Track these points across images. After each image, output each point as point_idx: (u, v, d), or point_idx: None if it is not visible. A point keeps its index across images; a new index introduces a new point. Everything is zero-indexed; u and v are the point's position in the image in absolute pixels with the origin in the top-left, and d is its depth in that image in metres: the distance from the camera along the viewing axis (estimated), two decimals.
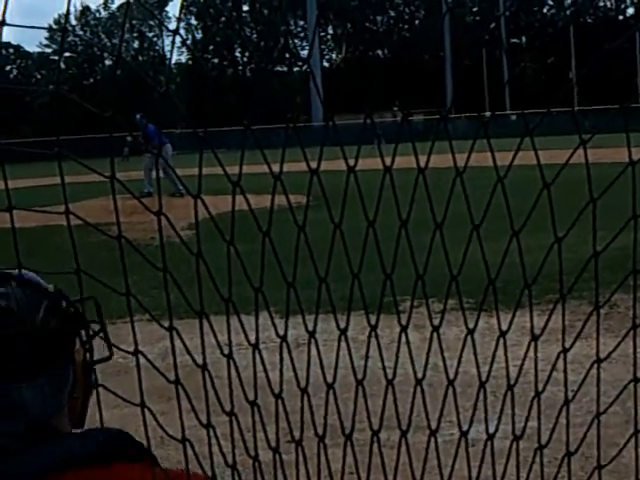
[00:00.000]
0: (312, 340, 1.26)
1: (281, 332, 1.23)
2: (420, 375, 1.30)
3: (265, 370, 1.22)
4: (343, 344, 1.28)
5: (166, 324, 1.15)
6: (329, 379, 1.27)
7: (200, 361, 1.19)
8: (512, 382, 1.37)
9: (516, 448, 1.37)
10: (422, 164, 1.23)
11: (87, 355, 1.37)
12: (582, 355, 2.14)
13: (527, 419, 1.34)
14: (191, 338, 1.21)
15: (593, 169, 1.28)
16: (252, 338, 1.23)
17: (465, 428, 1.37)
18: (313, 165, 1.19)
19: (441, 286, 1.31)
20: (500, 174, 1.23)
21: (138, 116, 21.41)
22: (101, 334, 1.34)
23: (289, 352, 1.23)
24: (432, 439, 1.36)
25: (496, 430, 1.36)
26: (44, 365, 1.27)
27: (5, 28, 0.95)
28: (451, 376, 1.33)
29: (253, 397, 1.21)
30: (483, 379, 1.37)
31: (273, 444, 1.23)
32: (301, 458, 1.28)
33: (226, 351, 1.17)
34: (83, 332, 1.34)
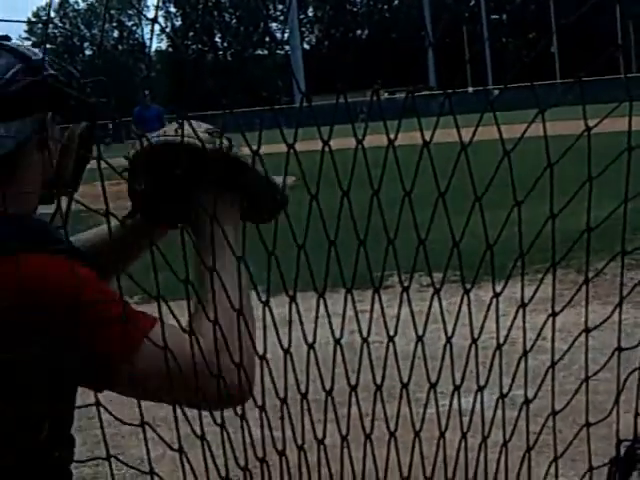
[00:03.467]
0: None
1: (267, 312, 1.23)
2: (409, 349, 1.31)
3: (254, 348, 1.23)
4: (334, 321, 1.29)
5: (155, 307, 1.15)
6: (312, 358, 1.28)
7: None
8: (501, 352, 1.39)
9: (502, 416, 1.39)
10: (402, 141, 1.24)
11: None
12: (571, 323, 2.15)
13: (511, 385, 1.36)
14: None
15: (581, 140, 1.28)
16: None
17: (455, 400, 1.39)
18: (294, 146, 1.19)
19: (431, 260, 1.32)
20: (475, 148, 1.24)
21: (147, 92, 20.56)
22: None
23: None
24: (424, 410, 1.37)
25: (481, 399, 1.38)
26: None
27: None
28: (440, 349, 1.34)
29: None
30: (472, 350, 1.38)
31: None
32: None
33: None
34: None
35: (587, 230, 1.30)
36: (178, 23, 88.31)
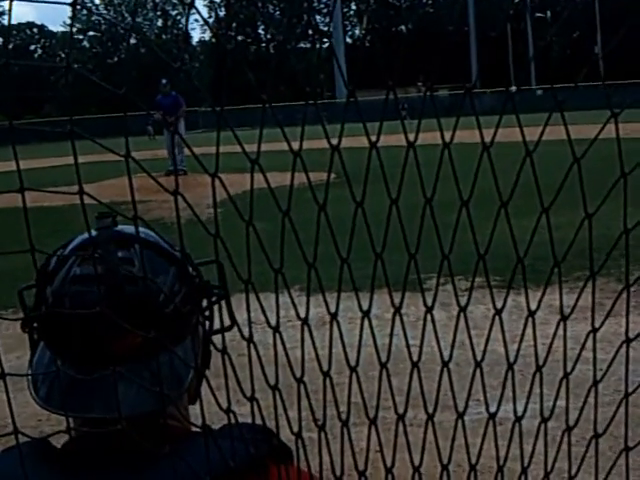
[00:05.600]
0: (335, 321, 1.24)
1: (303, 311, 1.21)
2: (446, 354, 1.28)
3: (285, 350, 1.21)
4: (368, 323, 1.26)
5: None
6: (353, 357, 1.26)
7: (222, 341, 1.17)
8: (540, 361, 1.35)
9: (544, 428, 1.35)
10: (448, 140, 1.20)
11: (207, 325, 1.28)
12: (611, 333, 2.11)
13: (556, 399, 1.32)
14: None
15: (622, 144, 1.25)
16: (275, 317, 1.22)
17: (493, 408, 1.36)
18: (335, 142, 1.16)
19: (468, 264, 1.29)
20: (529, 149, 1.20)
21: (164, 81, 20.92)
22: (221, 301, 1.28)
23: (310, 332, 1.21)
24: (459, 418, 1.34)
25: (525, 410, 1.35)
26: (173, 339, 1.17)
27: (28, 8, 0.93)
28: (478, 355, 1.31)
29: (274, 378, 1.20)
30: (511, 358, 1.35)
31: (295, 424, 1.22)
32: (324, 436, 1.27)
33: (246, 331, 1.15)
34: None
35: (624, 232, 1.25)
36: (222, 14, 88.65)
